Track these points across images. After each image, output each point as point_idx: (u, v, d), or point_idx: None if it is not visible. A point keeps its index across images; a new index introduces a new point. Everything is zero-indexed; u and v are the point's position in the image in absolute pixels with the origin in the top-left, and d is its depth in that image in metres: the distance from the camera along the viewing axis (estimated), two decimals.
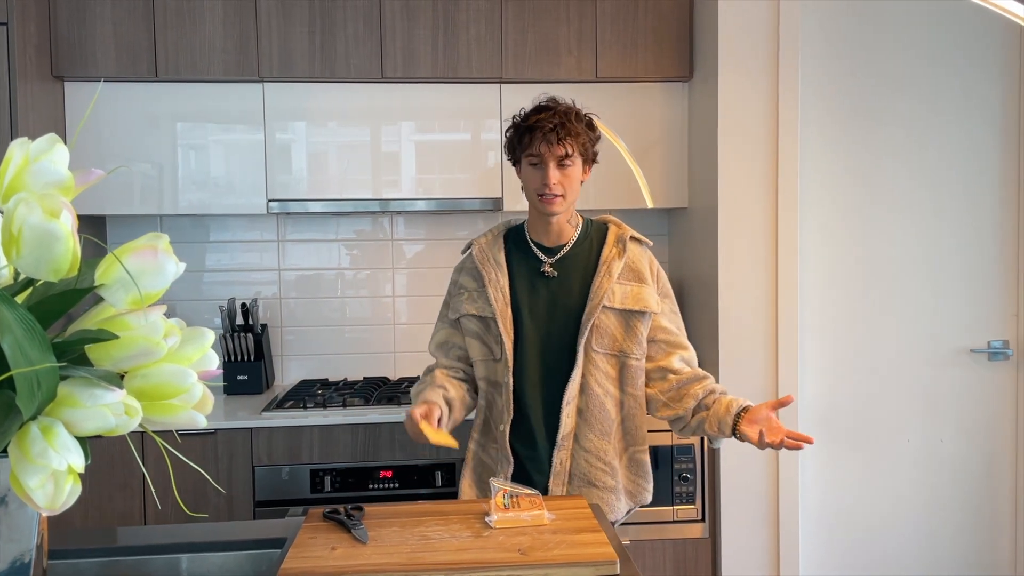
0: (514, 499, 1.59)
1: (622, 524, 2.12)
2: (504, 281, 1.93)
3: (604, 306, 1.89)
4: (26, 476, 0.71)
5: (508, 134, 1.96)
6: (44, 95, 2.74)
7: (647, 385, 1.99)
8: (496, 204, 2.97)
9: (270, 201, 2.93)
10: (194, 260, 3.23)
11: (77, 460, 0.72)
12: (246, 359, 3.04)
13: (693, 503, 2.78)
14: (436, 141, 3.00)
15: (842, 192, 2.83)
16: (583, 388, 1.90)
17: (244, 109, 2.91)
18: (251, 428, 2.67)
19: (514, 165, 1.98)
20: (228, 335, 3.03)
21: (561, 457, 1.90)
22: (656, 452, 2.76)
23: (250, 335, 3.04)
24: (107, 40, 2.81)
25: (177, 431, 0.86)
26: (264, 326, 3.17)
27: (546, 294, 1.93)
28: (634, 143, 3.02)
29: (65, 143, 2.64)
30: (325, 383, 3.14)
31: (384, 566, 1.36)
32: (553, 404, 1.91)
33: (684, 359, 2.00)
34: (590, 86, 2.98)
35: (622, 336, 1.92)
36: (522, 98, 2.98)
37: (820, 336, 2.83)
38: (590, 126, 1.93)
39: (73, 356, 0.79)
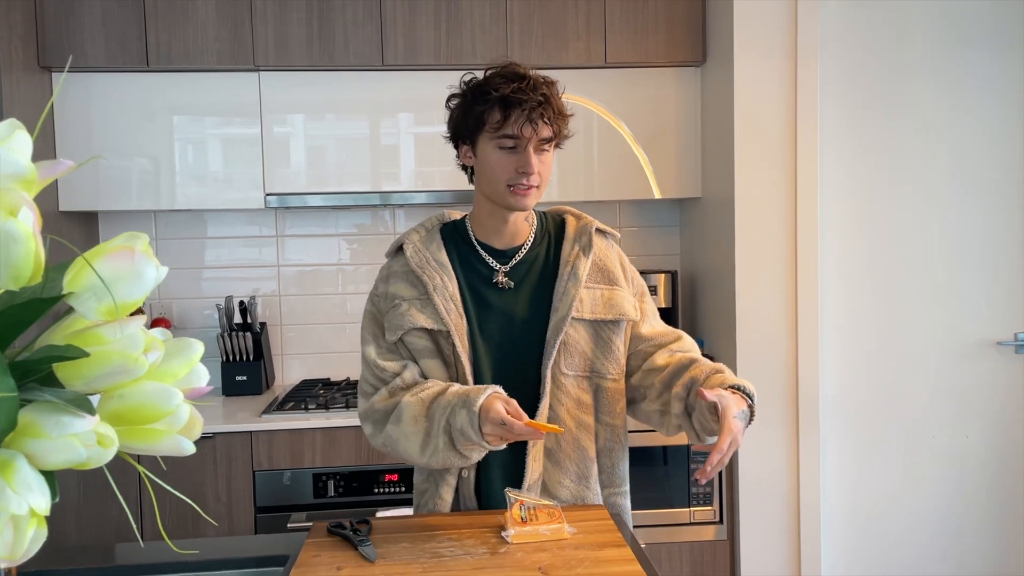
0: (531, 511, 1.48)
1: (636, 527, 2.00)
2: (453, 287, 1.55)
3: (572, 318, 1.54)
4: None
5: (459, 107, 1.55)
6: (30, 86, 2.63)
7: (630, 377, 1.62)
8: None
9: (268, 195, 2.82)
10: (191, 257, 3.12)
11: (40, 501, 0.61)
12: (245, 359, 2.94)
13: (711, 504, 2.69)
14: (437, 133, 2.88)
15: (863, 180, 2.72)
16: (551, 422, 1.55)
17: (240, 100, 2.80)
18: (251, 431, 2.57)
19: (460, 145, 1.58)
20: (226, 334, 2.92)
21: None
22: (671, 452, 2.66)
23: (248, 334, 2.94)
24: (96, 29, 2.70)
25: (161, 457, 0.75)
26: (263, 324, 3.07)
27: (499, 308, 1.57)
28: (645, 131, 2.91)
29: (54, 137, 2.48)
30: (327, 383, 3.03)
31: None
32: (516, 444, 1.51)
33: (671, 351, 1.61)
34: (599, 72, 2.87)
35: (593, 352, 1.57)
36: None
37: (841, 329, 2.73)
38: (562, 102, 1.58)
39: (39, 376, 0.68)
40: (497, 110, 1.49)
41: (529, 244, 1.61)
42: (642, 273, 3.02)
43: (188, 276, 3.12)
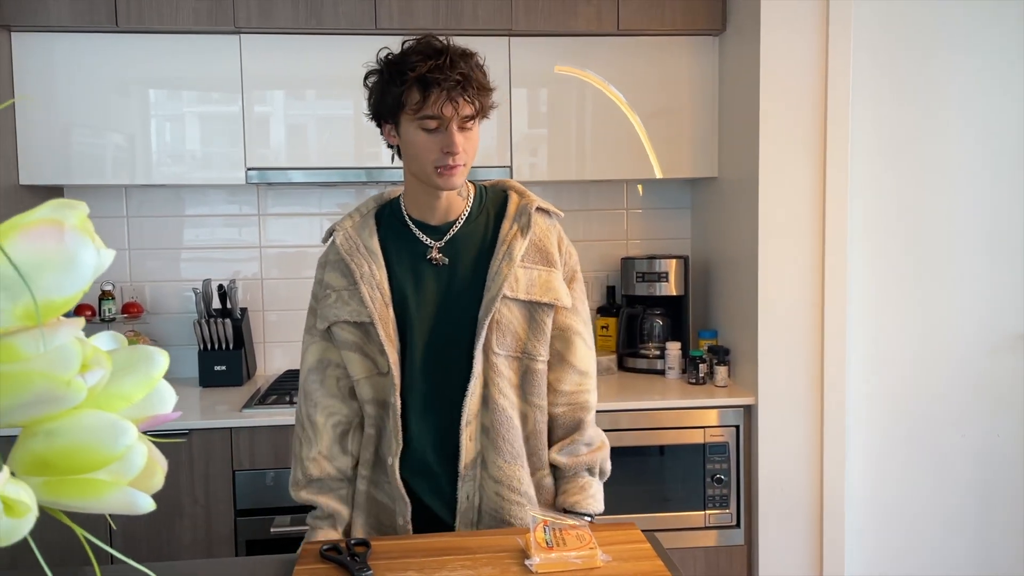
0: (558, 533, 1.29)
1: (644, 531, 1.81)
2: (381, 274, 1.52)
3: (505, 296, 1.50)
4: None
5: (377, 86, 1.49)
6: None
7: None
8: (506, 172, 2.66)
9: (249, 170, 2.59)
10: (166, 237, 2.89)
11: None
12: (224, 347, 2.72)
13: (727, 507, 2.51)
14: None
15: (896, 162, 2.52)
16: (485, 401, 1.51)
17: (220, 67, 2.56)
18: (230, 427, 2.35)
19: (382, 124, 1.52)
20: (204, 320, 2.70)
21: (467, 491, 1.51)
22: (686, 451, 2.48)
23: (228, 320, 2.71)
24: None
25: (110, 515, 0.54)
26: (244, 310, 2.84)
27: (435, 287, 1.54)
28: (654, 105, 2.70)
29: (13, 101, 2.21)
30: None
31: None
32: (450, 425, 1.52)
33: (576, 383, 1.59)
34: (610, 40, 2.67)
35: (526, 333, 1.53)
36: (533, 53, 2.66)
37: (869, 321, 2.54)
38: (485, 73, 1.50)
39: None
40: (416, 91, 1.43)
41: (464, 219, 1.57)
42: (650, 259, 2.84)
43: (163, 257, 2.89)
